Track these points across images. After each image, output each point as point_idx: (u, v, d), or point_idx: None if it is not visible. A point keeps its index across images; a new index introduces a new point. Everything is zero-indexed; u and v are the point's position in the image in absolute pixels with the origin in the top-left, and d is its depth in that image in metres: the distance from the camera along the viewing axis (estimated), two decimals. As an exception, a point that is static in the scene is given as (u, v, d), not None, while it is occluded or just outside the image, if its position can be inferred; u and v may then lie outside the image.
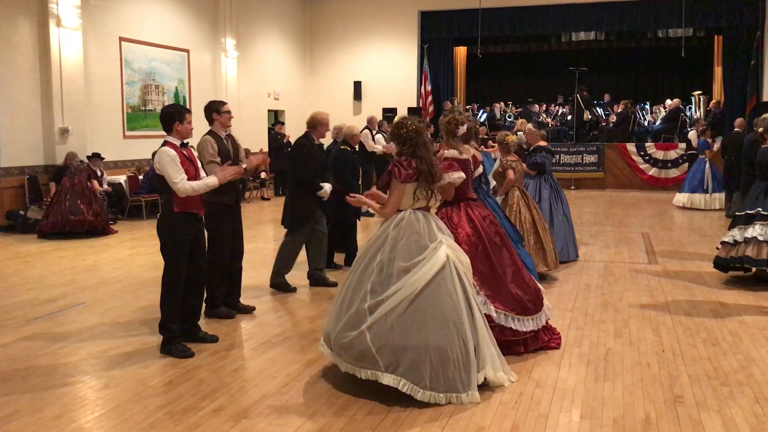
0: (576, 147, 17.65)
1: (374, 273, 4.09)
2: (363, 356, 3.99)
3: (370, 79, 20.04)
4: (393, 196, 4.26)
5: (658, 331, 5.43)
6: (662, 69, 21.71)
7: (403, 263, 4.04)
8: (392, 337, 3.93)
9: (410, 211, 4.25)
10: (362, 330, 3.99)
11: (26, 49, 11.34)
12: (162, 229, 4.92)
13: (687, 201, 13.28)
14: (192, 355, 4.86)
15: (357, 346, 3.99)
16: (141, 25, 13.85)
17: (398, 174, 4.19)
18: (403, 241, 4.12)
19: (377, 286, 4.05)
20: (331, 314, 4.33)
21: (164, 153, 4.81)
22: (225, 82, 16.60)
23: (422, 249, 4.10)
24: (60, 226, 10.23)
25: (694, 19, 18.07)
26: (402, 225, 4.18)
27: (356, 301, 4.09)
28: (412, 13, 19.79)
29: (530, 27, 19.34)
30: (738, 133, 11.82)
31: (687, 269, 7.77)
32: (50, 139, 11.65)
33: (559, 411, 3.89)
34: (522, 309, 4.81)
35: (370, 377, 4.00)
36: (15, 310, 6.20)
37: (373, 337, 3.96)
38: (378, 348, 3.94)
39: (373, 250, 4.20)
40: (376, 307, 4.00)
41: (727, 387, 4.23)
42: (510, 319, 4.73)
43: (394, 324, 3.94)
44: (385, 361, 3.94)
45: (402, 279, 4.00)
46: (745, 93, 17.49)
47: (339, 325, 4.13)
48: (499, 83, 23.13)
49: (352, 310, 4.09)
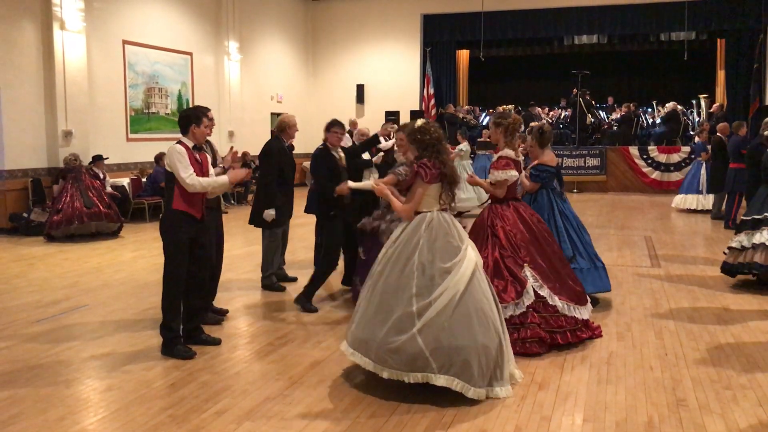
0: (578, 150, 17.65)
1: (416, 275, 4.05)
2: (414, 359, 3.95)
3: (373, 82, 20.07)
4: (416, 195, 4.27)
5: (661, 334, 5.42)
6: (665, 72, 21.70)
7: (444, 264, 4.07)
8: (444, 338, 3.94)
9: (437, 213, 4.27)
10: (413, 333, 3.95)
11: (30, 51, 11.38)
12: (162, 229, 4.96)
13: (682, 202, 13.43)
14: (194, 356, 4.87)
15: (407, 350, 3.95)
16: (144, 28, 13.89)
17: (424, 174, 4.22)
18: (439, 242, 4.14)
19: (422, 289, 4.02)
20: (362, 320, 4.22)
21: (174, 149, 4.86)
22: (228, 85, 16.64)
23: (456, 250, 4.15)
24: (76, 219, 10.18)
25: (697, 22, 18.08)
26: (433, 226, 4.20)
27: (400, 304, 4.04)
28: (415, 17, 19.82)
29: (533, 30, 19.36)
30: (720, 138, 11.98)
31: (690, 272, 7.76)
32: (54, 141, 11.68)
33: (561, 414, 3.89)
34: (578, 299, 5.21)
35: (421, 380, 3.98)
36: (19, 313, 6.21)
37: (424, 339, 3.94)
38: (431, 350, 3.93)
39: (407, 252, 4.16)
40: (425, 310, 3.98)
41: (730, 391, 4.23)
42: (572, 308, 5.10)
43: (445, 325, 3.95)
44: (439, 363, 3.94)
45: (445, 280, 4.03)
46: (748, 96, 17.49)
47: (382, 331, 4.05)
48: (502, 86, 23.14)
49: (396, 315, 4.03)
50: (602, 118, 19.29)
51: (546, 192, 6.28)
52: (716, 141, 12.09)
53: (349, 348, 4.30)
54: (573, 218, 6.40)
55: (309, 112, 19.90)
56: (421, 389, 4.16)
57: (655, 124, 19.04)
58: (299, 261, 8.31)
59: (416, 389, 4.16)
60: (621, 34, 19.41)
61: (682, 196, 13.52)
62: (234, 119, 16.86)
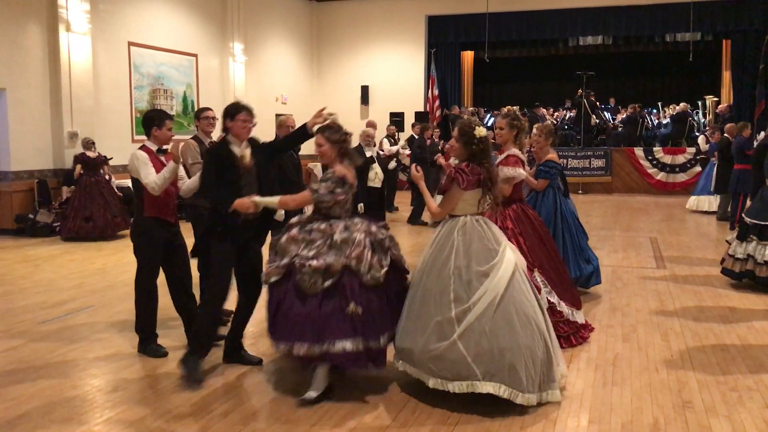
0: (583, 151, 17.62)
1: (453, 280, 3.99)
2: (457, 366, 3.86)
3: (378, 84, 20.06)
4: (451, 200, 4.24)
5: (667, 335, 5.41)
6: (670, 73, 21.66)
7: (480, 268, 4.00)
8: (485, 343, 3.85)
9: (470, 217, 4.23)
10: (453, 340, 3.87)
11: (36, 53, 11.42)
12: (133, 233, 5.01)
13: (694, 204, 13.40)
14: (165, 355, 4.91)
15: (449, 357, 3.87)
16: (149, 29, 13.92)
17: (461, 181, 4.17)
18: (475, 246, 4.09)
19: (461, 293, 3.95)
20: (405, 330, 4.13)
21: (134, 155, 4.86)
22: (233, 86, 16.66)
23: (493, 253, 4.08)
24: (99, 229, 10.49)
25: (702, 23, 18.01)
26: (466, 230, 4.16)
27: (438, 310, 3.97)
28: (420, 18, 19.81)
29: (538, 31, 19.32)
30: (726, 138, 11.93)
31: (695, 274, 7.74)
32: (59, 143, 11.72)
33: (567, 416, 3.89)
34: (578, 303, 5.31)
35: (466, 389, 3.87)
36: (24, 314, 6.23)
37: (465, 345, 3.86)
38: (474, 356, 3.84)
39: (441, 258, 4.10)
40: (464, 315, 3.90)
41: (736, 392, 4.21)
42: (574, 313, 5.18)
43: (485, 330, 3.86)
44: (482, 369, 3.84)
45: (483, 283, 3.96)
46: (754, 97, 17.42)
47: (423, 339, 3.98)
48: (506, 87, 23.13)
49: (435, 321, 3.96)
50: (607, 119, 19.25)
51: (552, 191, 6.28)
52: (723, 141, 12.06)
53: (400, 362, 4.22)
54: (572, 220, 6.40)
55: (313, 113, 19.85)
56: (427, 391, 4.13)
57: (660, 125, 19.00)
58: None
59: (422, 391, 4.15)
60: (626, 35, 19.35)
61: (695, 198, 13.51)
62: (239, 120, 16.86)
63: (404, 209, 14.03)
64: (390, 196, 13.64)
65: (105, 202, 10.73)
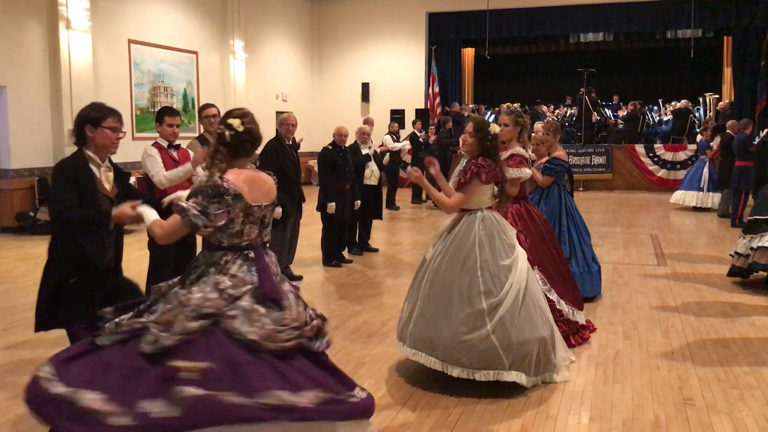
0: (584, 148, 17.60)
1: (480, 272, 4.09)
2: (487, 356, 4.00)
3: (378, 81, 20.05)
4: (470, 194, 4.27)
5: (668, 333, 5.40)
6: (671, 70, 21.64)
7: (504, 262, 4.13)
8: (513, 335, 4.01)
9: (486, 211, 4.32)
10: (487, 330, 3.99)
11: (36, 51, 11.41)
12: None
13: (681, 198, 13.37)
14: None
15: (480, 347, 4.00)
16: (150, 27, 13.91)
17: (483, 176, 4.22)
18: (497, 240, 4.20)
19: (491, 287, 4.06)
20: (421, 319, 4.18)
21: (144, 151, 4.95)
22: (233, 84, 16.65)
23: (511, 247, 4.22)
24: None
25: (704, 19, 17.99)
26: (486, 224, 4.25)
27: (466, 302, 4.05)
28: (420, 15, 19.79)
29: (538, 28, 19.30)
30: (728, 135, 11.91)
31: (696, 271, 7.73)
32: (60, 141, 11.70)
33: (567, 413, 3.88)
34: (579, 303, 5.29)
35: (492, 378, 4.02)
36: (25, 312, 6.22)
37: (498, 337, 3.99)
38: (504, 348, 3.99)
39: (465, 249, 4.17)
40: (496, 308, 4.02)
41: (737, 390, 4.21)
42: (574, 312, 5.16)
43: (515, 322, 4.03)
44: (510, 359, 4.01)
45: (509, 278, 4.09)
46: (755, 94, 17.40)
47: (449, 329, 4.05)
48: (507, 84, 23.12)
49: (465, 312, 4.04)
50: (608, 116, 19.22)
51: (557, 188, 6.25)
52: (726, 138, 12.04)
53: (410, 348, 4.25)
54: (579, 219, 6.36)
55: (314, 110, 19.91)
56: (429, 386, 4.16)
57: (661, 122, 18.98)
58: (305, 259, 8.30)
59: (423, 386, 4.17)
60: (627, 31, 19.34)
61: (681, 193, 13.42)
62: (239, 118, 16.87)
63: (405, 207, 14.04)
64: (392, 194, 13.65)
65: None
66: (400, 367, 4.55)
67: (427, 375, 4.26)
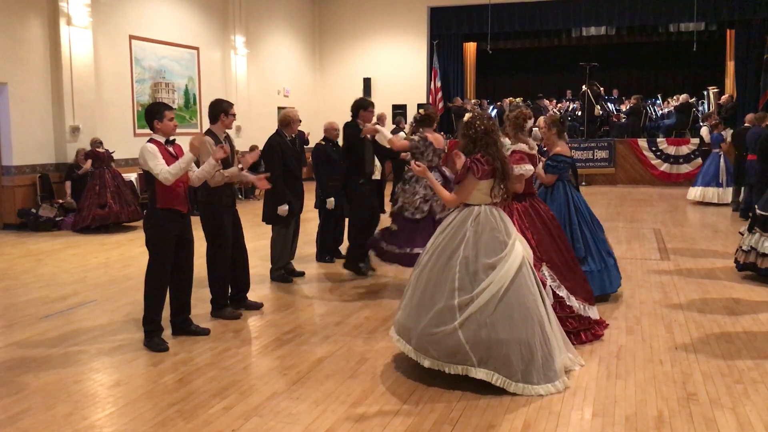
0: (587, 142, 17.56)
1: (458, 269, 4.10)
2: (454, 352, 4.03)
3: (380, 76, 20.01)
4: (465, 189, 4.28)
5: (671, 328, 5.38)
6: (674, 64, 21.56)
7: (488, 260, 4.09)
8: (484, 333, 3.99)
9: (484, 207, 4.29)
10: (454, 326, 4.02)
11: (37, 47, 11.39)
12: (147, 225, 5.05)
13: (700, 195, 13.13)
14: (167, 349, 4.93)
15: (448, 343, 4.03)
16: (151, 23, 13.88)
17: (476, 171, 4.21)
18: (485, 237, 4.16)
19: (466, 283, 4.07)
20: (407, 308, 4.32)
21: (143, 148, 4.92)
22: (235, 79, 16.63)
23: (503, 245, 4.16)
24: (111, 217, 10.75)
25: (706, 13, 17.93)
26: (480, 221, 4.22)
27: (442, 297, 4.10)
28: (422, 9, 19.74)
29: (540, 22, 19.25)
30: (746, 128, 11.76)
31: (700, 266, 7.70)
32: (61, 137, 11.71)
33: (570, 409, 3.87)
34: (591, 298, 5.21)
35: (461, 372, 4.05)
36: (27, 308, 6.23)
37: (465, 333, 4.00)
38: (471, 344, 3.99)
39: (452, 246, 4.19)
40: (467, 304, 4.03)
41: (741, 384, 4.19)
42: (586, 308, 5.10)
43: (486, 321, 3.99)
44: (478, 357, 4.00)
45: (489, 276, 4.05)
46: (758, 87, 17.34)
47: (423, 321, 4.14)
48: (509, 79, 23.06)
49: (438, 306, 4.09)
50: (611, 110, 19.17)
51: (562, 185, 6.13)
52: (742, 132, 11.86)
53: (395, 334, 4.40)
54: (587, 212, 6.23)
55: (316, 106, 19.88)
56: (431, 382, 4.17)
57: (663, 116, 18.92)
58: (306, 255, 8.30)
59: (425, 382, 4.17)
60: (629, 25, 19.26)
61: (700, 189, 13.12)
62: (241, 114, 16.79)
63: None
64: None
65: (119, 190, 11.00)
66: (402, 362, 4.54)
67: (429, 371, 4.25)
